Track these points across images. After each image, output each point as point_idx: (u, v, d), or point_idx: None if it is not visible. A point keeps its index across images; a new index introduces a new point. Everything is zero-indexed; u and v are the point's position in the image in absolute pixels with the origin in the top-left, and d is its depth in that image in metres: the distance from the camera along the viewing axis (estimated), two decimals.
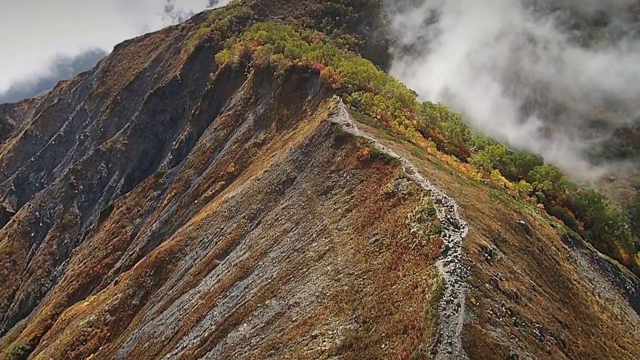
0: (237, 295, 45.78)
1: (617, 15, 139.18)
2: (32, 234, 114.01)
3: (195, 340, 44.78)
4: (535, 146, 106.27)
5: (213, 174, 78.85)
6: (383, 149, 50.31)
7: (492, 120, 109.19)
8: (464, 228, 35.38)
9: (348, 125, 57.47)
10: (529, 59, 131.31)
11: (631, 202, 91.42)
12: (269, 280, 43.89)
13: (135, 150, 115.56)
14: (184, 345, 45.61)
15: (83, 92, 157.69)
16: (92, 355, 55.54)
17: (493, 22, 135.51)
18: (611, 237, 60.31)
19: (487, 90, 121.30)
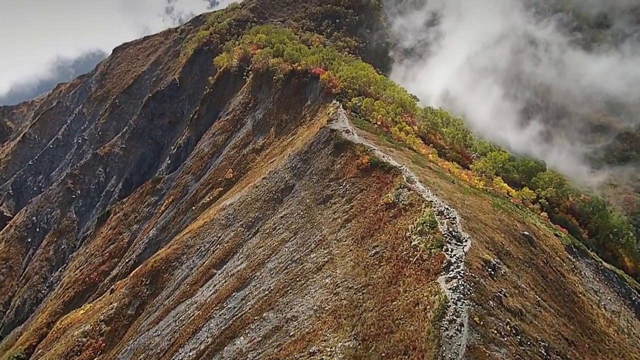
0: (234, 307, 44.76)
1: (619, 18, 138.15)
2: (29, 239, 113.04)
3: (191, 353, 43.81)
4: (536, 150, 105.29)
5: (211, 180, 77.78)
6: (383, 157, 49.23)
7: (492, 124, 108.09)
8: (466, 241, 34.35)
9: (348, 132, 56.33)
10: (530, 61, 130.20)
11: (635, 209, 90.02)
12: (267, 292, 42.87)
13: (133, 155, 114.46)
14: (180, 358, 44.62)
15: (82, 95, 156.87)
16: None
17: (494, 25, 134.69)
18: (616, 246, 59.15)
19: (488, 94, 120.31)
